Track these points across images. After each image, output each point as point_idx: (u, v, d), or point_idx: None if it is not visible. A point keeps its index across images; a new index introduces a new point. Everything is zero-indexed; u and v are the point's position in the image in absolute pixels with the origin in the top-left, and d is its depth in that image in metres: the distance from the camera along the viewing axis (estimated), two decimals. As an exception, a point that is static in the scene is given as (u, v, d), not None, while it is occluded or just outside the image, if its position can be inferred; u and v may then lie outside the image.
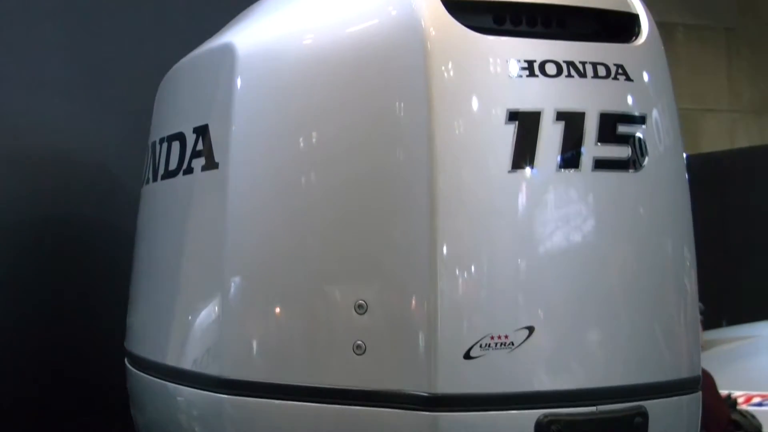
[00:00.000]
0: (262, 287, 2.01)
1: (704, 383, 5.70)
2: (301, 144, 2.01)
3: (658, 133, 2.07)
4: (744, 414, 6.48)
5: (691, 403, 2.12)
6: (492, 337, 1.87)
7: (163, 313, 2.24)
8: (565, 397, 1.92)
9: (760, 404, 7.64)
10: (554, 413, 1.89)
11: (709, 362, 6.16)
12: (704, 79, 10.84)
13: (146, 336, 2.32)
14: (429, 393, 1.86)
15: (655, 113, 2.06)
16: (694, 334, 2.15)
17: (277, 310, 1.99)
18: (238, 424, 2.02)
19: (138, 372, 2.32)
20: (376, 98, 1.95)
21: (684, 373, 2.09)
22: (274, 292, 2.00)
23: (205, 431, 2.10)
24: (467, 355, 1.86)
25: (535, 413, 1.89)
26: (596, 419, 1.93)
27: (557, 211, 1.96)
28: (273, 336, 1.99)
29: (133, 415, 2.42)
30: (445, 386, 1.86)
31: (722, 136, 11.31)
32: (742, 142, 11.29)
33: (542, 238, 1.94)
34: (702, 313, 6.08)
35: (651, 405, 1.99)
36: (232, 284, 2.04)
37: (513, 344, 1.88)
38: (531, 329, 1.89)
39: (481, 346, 1.86)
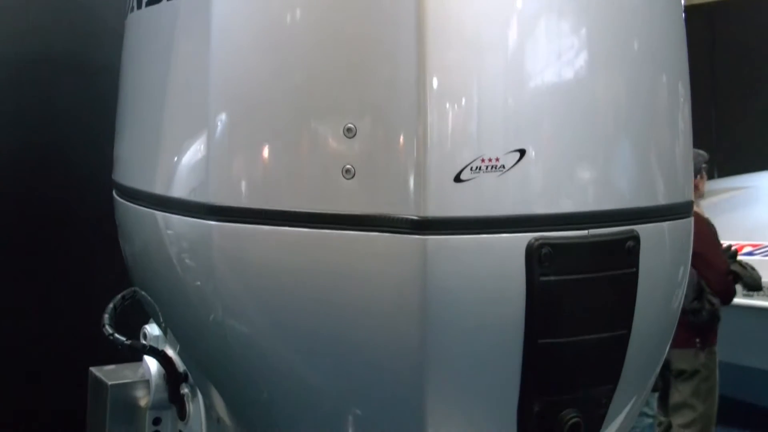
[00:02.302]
0: (249, 112, 1.98)
1: (706, 234, 5.75)
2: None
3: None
4: (743, 265, 6.52)
5: (682, 228, 2.11)
6: (482, 160, 1.84)
7: (151, 143, 2.21)
8: (556, 221, 1.90)
9: (750, 254, 7.71)
10: (545, 236, 1.88)
11: (702, 212, 6.21)
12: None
13: (134, 166, 2.29)
14: (418, 216, 1.83)
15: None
16: (686, 163, 2.13)
17: (265, 135, 1.96)
18: (227, 251, 2.00)
19: (126, 202, 2.30)
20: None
21: (675, 198, 2.07)
22: (260, 117, 1.96)
23: (193, 260, 2.08)
24: (457, 178, 1.83)
25: (526, 236, 1.87)
26: (588, 243, 1.92)
27: (549, 35, 1.92)
28: (260, 161, 1.96)
29: (121, 247, 2.41)
30: (435, 209, 1.83)
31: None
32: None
33: (533, 63, 1.91)
34: (706, 162, 6.10)
35: (643, 229, 1.98)
36: (219, 112, 2.00)
37: (504, 167, 1.85)
38: (522, 152, 1.86)
39: (471, 169, 1.83)
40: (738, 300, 6.82)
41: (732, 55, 11.28)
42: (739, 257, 7.01)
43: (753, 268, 6.55)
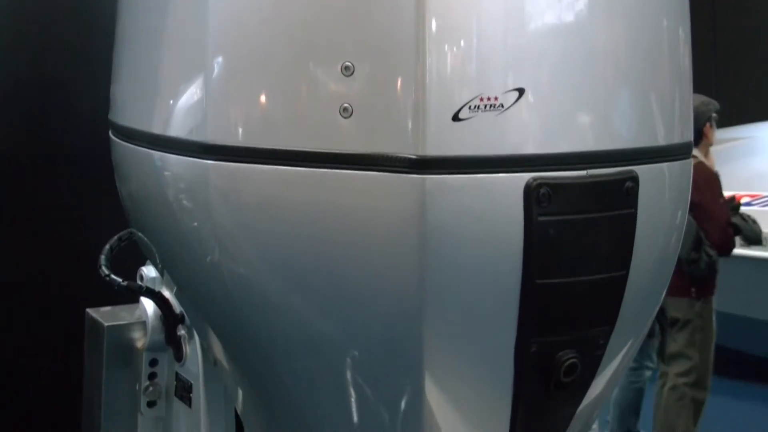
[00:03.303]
0: (247, 50, 1.96)
1: (710, 185, 5.74)
2: None
3: None
4: (745, 218, 6.52)
5: (682, 169, 2.10)
6: (481, 99, 1.83)
7: (149, 82, 2.20)
8: (555, 161, 1.89)
9: (749, 204, 7.72)
10: (544, 176, 1.87)
11: (711, 163, 6.20)
12: None
13: (131, 106, 2.28)
14: (417, 155, 1.82)
15: None
16: (686, 104, 2.13)
17: (262, 73, 1.94)
18: (224, 191, 1.99)
19: (123, 142, 2.29)
20: None
21: (675, 138, 2.07)
22: (258, 55, 1.95)
23: (190, 201, 2.07)
24: (456, 117, 1.82)
25: (525, 176, 1.86)
26: (587, 183, 1.91)
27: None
28: (258, 100, 1.95)
29: (118, 187, 2.40)
30: (433, 148, 1.82)
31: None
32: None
33: (534, 3, 1.89)
34: (717, 111, 6.10)
35: (642, 170, 1.97)
36: (217, 49, 1.99)
37: (503, 106, 1.84)
38: (521, 91, 1.85)
39: (470, 108, 1.82)
40: (737, 250, 6.85)
41: (732, 6, 11.23)
42: (742, 209, 7.02)
43: (754, 221, 6.55)
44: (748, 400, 8.18)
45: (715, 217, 6.03)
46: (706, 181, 5.88)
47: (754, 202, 7.94)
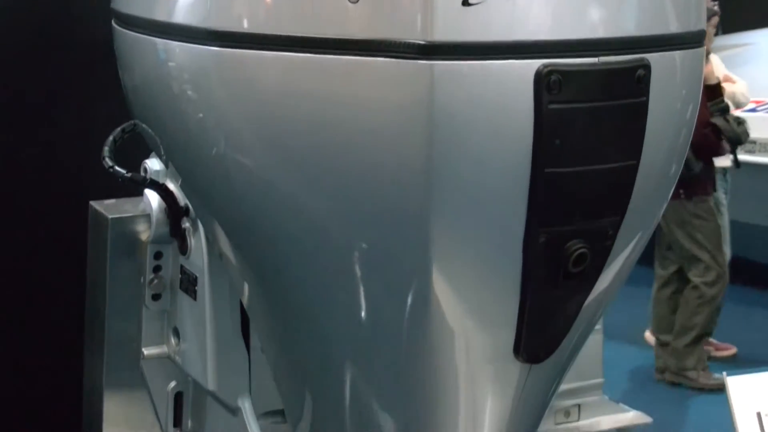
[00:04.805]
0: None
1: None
2: None
3: None
4: (728, 119, 6.45)
5: (694, 57, 2.06)
6: (492, -17, 1.79)
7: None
8: (566, 48, 1.85)
9: (753, 110, 7.69)
10: (554, 63, 1.84)
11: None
12: None
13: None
14: (425, 41, 1.79)
15: None
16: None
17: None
18: (228, 79, 1.97)
19: (125, 30, 2.26)
20: None
21: (688, 26, 2.03)
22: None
23: (194, 89, 2.05)
24: (465, 2, 1.79)
25: (535, 63, 1.83)
26: (598, 70, 1.88)
27: None
28: (263, -17, 1.91)
29: (120, 78, 2.37)
30: (442, 34, 1.79)
31: None
32: None
33: None
34: (714, 14, 5.98)
35: (654, 58, 1.94)
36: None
37: (514, -9, 1.80)
38: (532, -24, 1.81)
39: (480, -8, 1.79)
40: (745, 157, 6.84)
41: None
42: (741, 113, 6.98)
43: (740, 123, 6.50)
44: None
45: None
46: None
47: (759, 108, 7.92)
